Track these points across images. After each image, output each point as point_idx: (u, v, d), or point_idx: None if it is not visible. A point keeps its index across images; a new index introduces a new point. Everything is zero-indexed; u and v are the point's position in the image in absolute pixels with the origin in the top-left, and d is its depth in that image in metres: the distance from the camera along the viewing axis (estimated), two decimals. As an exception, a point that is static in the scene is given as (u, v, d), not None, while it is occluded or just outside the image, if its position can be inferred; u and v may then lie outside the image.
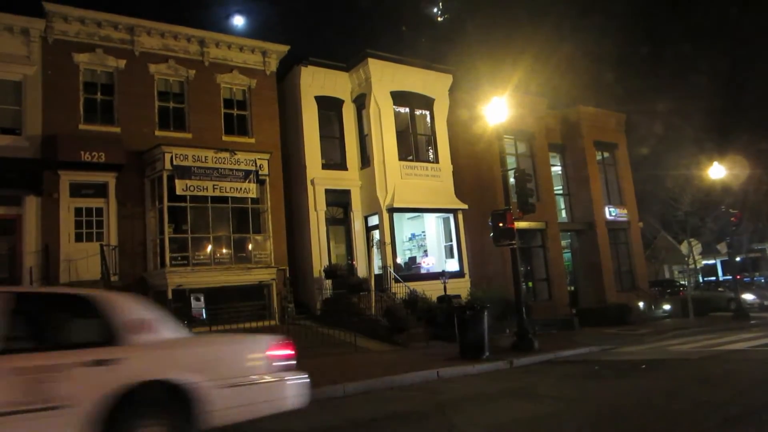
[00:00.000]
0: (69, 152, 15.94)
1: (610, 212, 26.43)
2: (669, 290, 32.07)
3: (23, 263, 15.33)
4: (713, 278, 44.82)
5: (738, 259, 30.80)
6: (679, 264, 34.71)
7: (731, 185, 25.23)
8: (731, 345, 14.18)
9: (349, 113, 21.78)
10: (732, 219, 23.90)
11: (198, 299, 16.66)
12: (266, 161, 18.45)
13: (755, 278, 38.92)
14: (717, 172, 23.49)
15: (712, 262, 41.97)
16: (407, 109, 21.72)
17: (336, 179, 20.94)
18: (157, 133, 17.82)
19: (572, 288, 25.74)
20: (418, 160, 21.46)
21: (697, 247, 24.25)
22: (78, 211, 16.50)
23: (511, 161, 22.21)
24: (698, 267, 28.00)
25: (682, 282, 34.36)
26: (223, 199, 17.55)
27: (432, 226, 22.44)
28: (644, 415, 7.22)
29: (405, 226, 22.56)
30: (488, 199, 21.89)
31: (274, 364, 5.94)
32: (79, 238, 16.37)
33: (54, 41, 16.78)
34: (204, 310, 16.61)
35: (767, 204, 33.48)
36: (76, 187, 16.52)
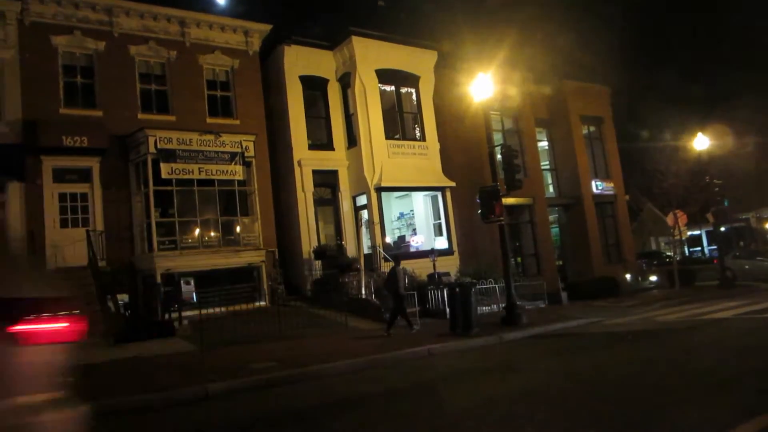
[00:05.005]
0: (50, 137, 15.72)
1: (597, 186, 26.56)
2: (655, 262, 32.45)
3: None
4: (698, 248, 45.32)
5: (723, 229, 31.15)
6: (665, 235, 35.11)
7: (716, 154, 25.39)
8: (717, 314, 14.42)
9: (334, 92, 21.59)
10: (716, 189, 24.12)
11: (188, 283, 16.64)
12: (252, 143, 18.30)
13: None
14: (701, 142, 23.66)
15: (697, 232, 42.40)
16: (393, 87, 21.56)
17: (323, 159, 20.83)
18: (140, 116, 17.58)
19: (560, 262, 25.95)
20: (404, 138, 21.38)
21: (682, 218, 24.48)
22: (62, 197, 16.32)
23: (497, 137, 22.18)
24: (684, 238, 28.31)
25: (669, 253, 34.76)
26: (210, 182, 17.42)
27: (420, 204, 22.45)
28: (631, 385, 7.34)
29: (393, 205, 22.56)
30: (476, 176, 21.89)
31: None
32: (64, 224, 16.22)
33: (31, 23, 16.42)
34: (194, 294, 16.60)
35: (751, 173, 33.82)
36: (60, 173, 16.32)
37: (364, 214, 20.48)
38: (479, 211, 15.09)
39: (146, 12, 18.06)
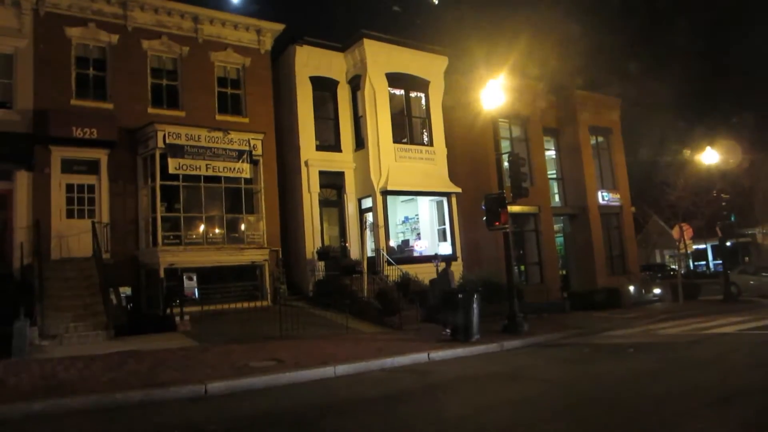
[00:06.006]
0: (60, 127, 15.78)
1: (603, 197, 26.50)
2: (660, 274, 32.33)
3: (14, 238, 15.25)
4: (703, 262, 45.18)
5: (728, 244, 31.03)
6: (671, 248, 34.98)
7: (724, 169, 25.29)
8: (720, 328, 14.34)
9: (343, 94, 21.61)
10: (723, 203, 24.02)
11: (191, 278, 16.67)
12: (260, 141, 18.32)
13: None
14: (710, 157, 23.59)
15: (702, 246, 42.27)
16: (402, 91, 21.58)
17: (330, 161, 20.85)
18: (149, 110, 17.64)
19: (564, 272, 25.88)
20: (412, 142, 21.38)
21: (688, 232, 24.40)
22: (69, 188, 16.37)
23: (505, 145, 22.16)
24: (689, 252, 28.18)
25: (673, 266, 34.64)
26: (216, 179, 17.45)
27: (425, 209, 22.44)
28: (631, 397, 7.31)
29: (398, 208, 22.55)
30: (482, 182, 21.87)
31: None
32: (70, 214, 16.27)
33: (46, 14, 16.51)
34: (196, 290, 16.63)
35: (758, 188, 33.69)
36: (68, 163, 16.38)
37: (369, 216, 20.48)
38: (484, 218, 15.05)
39: (160, 7, 18.13)
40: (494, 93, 15.22)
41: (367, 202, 20.62)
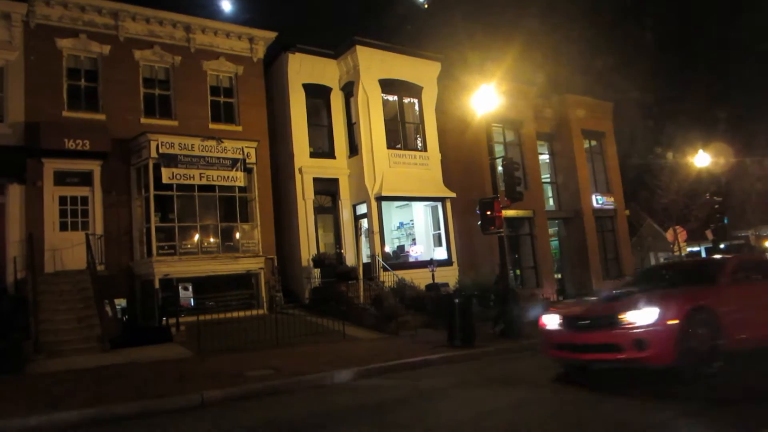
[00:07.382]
0: (53, 140, 15.69)
1: (597, 200, 26.59)
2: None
3: (6, 253, 15.15)
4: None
5: (722, 246, 31.18)
6: (665, 251, 35.09)
7: (716, 173, 25.48)
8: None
9: (337, 101, 21.64)
10: (716, 206, 24.17)
11: (186, 288, 16.61)
12: (253, 149, 18.31)
13: None
14: (702, 160, 23.73)
15: (696, 249, 42.43)
16: (395, 97, 21.62)
17: (324, 168, 20.84)
18: (142, 120, 17.61)
19: (559, 275, 25.93)
20: (406, 148, 21.40)
21: (682, 234, 24.50)
22: (62, 200, 16.29)
23: (499, 149, 22.24)
24: (683, 254, 28.28)
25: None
26: (210, 188, 17.41)
27: (420, 214, 22.45)
28: (637, 403, 7.30)
29: (393, 214, 22.55)
30: (476, 187, 21.93)
31: None
32: (63, 227, 16.17)
33: (36, 26, 16.47)
34: (192, 300, 16.56)
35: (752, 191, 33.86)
36: (61, 176, 16.30)
37: (364, 223, 20.48)
38: (479, 223, 15.07)
39: (152, 17, 18.12)
40: (487, 98, 15.27)
41: (362, 209, 20.61)
